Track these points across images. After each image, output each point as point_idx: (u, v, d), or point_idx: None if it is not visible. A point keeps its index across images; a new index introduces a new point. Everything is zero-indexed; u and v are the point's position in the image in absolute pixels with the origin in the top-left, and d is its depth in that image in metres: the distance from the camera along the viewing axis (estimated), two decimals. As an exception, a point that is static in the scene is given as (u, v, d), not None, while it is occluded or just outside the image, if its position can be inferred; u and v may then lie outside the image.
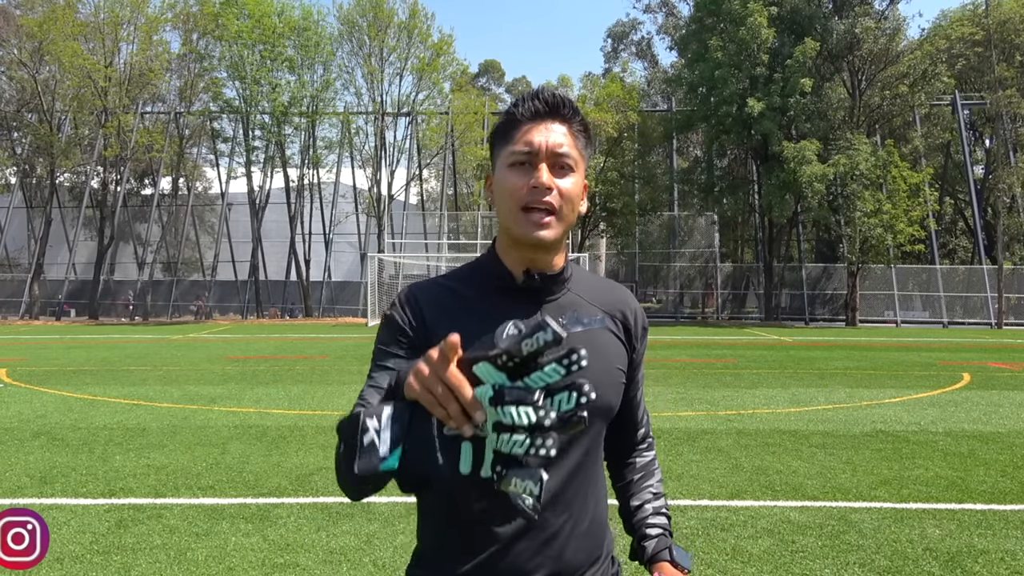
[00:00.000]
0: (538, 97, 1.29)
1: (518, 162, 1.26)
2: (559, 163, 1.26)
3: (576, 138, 1.30)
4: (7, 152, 41.40)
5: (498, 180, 1.30)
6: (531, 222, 1.24)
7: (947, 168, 42.34)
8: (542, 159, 1.25)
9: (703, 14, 35.54)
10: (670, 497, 5.21)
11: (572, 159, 1.28)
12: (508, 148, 1.28)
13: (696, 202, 39.90)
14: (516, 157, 1.26)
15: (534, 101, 1.29)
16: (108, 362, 15.12)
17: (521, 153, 1.26)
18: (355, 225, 42.20)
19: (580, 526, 1.30)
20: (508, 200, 1.26)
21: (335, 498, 5.22)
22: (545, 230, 1.24)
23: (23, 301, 38.34)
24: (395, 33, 38.88)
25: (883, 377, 12.79)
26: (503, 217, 1.29)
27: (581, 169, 1.30)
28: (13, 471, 5.97)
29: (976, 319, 36.07)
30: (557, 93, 1.30)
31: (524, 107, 1.28)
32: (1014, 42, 38.33)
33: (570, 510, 1.29)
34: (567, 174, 1.27)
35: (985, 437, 7.47)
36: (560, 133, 1.27)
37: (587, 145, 1.33)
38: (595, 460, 1.35)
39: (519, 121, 1.28)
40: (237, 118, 38.21)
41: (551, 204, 1.24)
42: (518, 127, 1.28)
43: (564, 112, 1.29)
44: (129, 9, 37.69)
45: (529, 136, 1.26)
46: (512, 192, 1.26)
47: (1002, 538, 4.42)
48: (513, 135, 1.28)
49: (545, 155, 1.25)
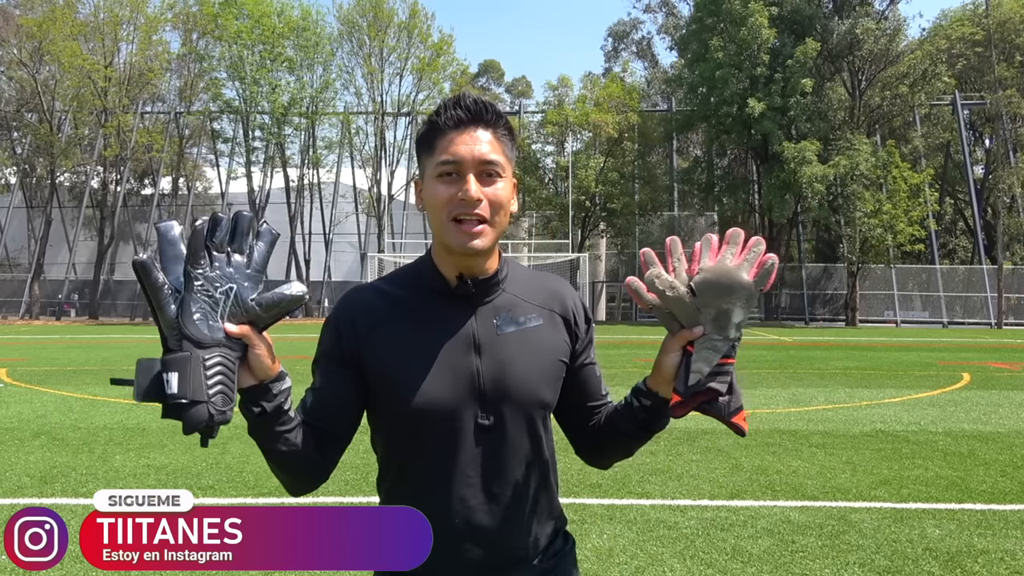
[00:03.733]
0: (459, 105, 1.29)
1: (445, 173, 1.28)
2: (486, 171, 1.27)
3: (502, 143, 1.31)
4: (7, 152, 41.42)
5: (427, 191, 1.31)
6: (463, 232, 1.26)
7: (947, 168, 42.34)
8: (468, 169, 1.26)
9: (703, 14, 35.56)
10: (670, 497, 5.21)
11: (499, 165, 1.29)
12: (434, 159, 1.29)
13: (696, 202, 39.95)
14: (442, 168, 1.28)
15: (455, 109, 1.29)
16: (108, 362, 15.12)
17: (447, 164, 1.27)
18: (355, 225, 42.21)
19: (528, 520, 1.34)
20: (439, 212, 1.28)
21: (335, 498, 5.22)
22: (477, 239, 1.27)
23: (23, 301, 38.34)
24: (395, 33, 38.89)
25: (883, 377, 12.79)
26: (435, 227, 1.31)
27: (509, 172, 1.32)
28: (13, 471, 5.97)
29: (976, 319, 36.07)
30: (479, 99, 1.31)
31: (446, 115, 1.29)
32: (1014, 42, 38.34)
33: (519, 504, 1.33)
34: (495, 181, 1.28)
35: (985, 437, 7.47)
36: (485, 141, 1.28)
37: (513, 147, 1.34)
38: (538, 452, 1.36)
39: (442, 129, 1.29)
40: (237, 118, 38.21)
41: (481, 216, 1.26)
42: (442, 136, 1.29)
43: (487, 118, 1.29)
44: (129, 9, 37.71)
45: (454, 147, 1.27)
46: (442, 204, 1.27)
47: (1002, 538, 4.42)
48: (437, 144, 1.29)
49: (471, 165, 1.26)
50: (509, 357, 1.31)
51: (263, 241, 1.16)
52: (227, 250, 1.12)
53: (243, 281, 1.13)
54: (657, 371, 1.29)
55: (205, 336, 1.09)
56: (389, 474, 1.37)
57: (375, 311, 1.33)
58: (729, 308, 1.21)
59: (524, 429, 1.33)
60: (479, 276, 1.33)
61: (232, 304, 1.11)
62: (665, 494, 5.27)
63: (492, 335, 1.32)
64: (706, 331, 1.23)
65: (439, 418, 1.28)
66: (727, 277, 1.20)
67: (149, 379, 1.08)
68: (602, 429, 1.42)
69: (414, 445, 1.31)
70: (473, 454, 1.29)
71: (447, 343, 1.30)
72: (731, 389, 1.24)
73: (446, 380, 1.28)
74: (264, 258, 1.15)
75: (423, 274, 1.36)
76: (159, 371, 1.08)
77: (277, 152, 39.47)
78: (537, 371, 1.33)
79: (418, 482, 1.31)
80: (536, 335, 1.35)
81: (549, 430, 1.40)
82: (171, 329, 1.09)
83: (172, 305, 1.09)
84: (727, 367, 1.23)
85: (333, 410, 1.31)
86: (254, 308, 1.13)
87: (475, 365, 1.30)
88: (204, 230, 1.10)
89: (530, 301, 1.38)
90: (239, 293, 1.12)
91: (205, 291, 1.10)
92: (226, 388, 1.10)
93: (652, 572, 3.88)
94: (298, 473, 1.31)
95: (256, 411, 1.19)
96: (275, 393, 1.20)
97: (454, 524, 1.29)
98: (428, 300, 1.34)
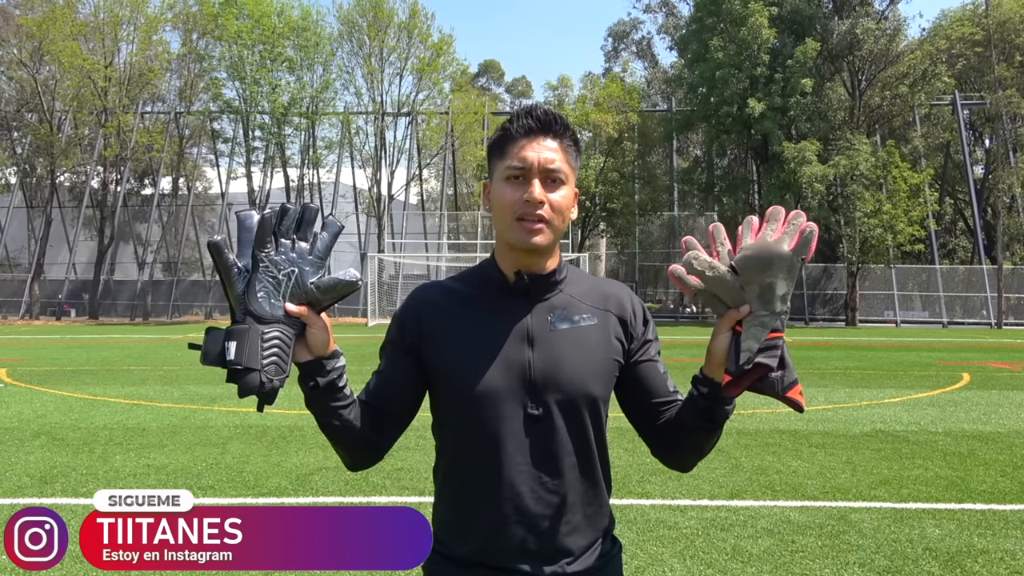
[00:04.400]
0: (531, 115, 1.40)
1: (513, 176, 1.38)
2: (550, 177, 1.38)
3: (567, 153, 1.41)
4: (7, 152, 41.41)
5: (495, 192, 1.42)
6: (524, 230, 1.36)
7: (947, 168, 42.33)
8: (535, 174, 1.37)
9: (703, 14, 35.54)
10: (670, 497, 5.22)
11: (563, 173, 1.39)
12: (504, 163, 1.40)
13: (696, 202, 39.94)
14: (511, 172, 1.38)
15: (527, 119, 1.40)
16: (108, 362, 15.13)
17: (515, 168, 1.38)
18: (355, 225, 42.19)
19: (575, 513, 1.39)
20: (504, 211, 1.38)
21: (335, 498, 5.22)
22: (537, 236, 1.36)
23: (23, 301, 38.34)
24: (395, 33, 38.88)
25: (883, 377, 12.79)
26: (499, 226, 1.42)
27: (571, 181, 1.42)
28: (13, 471, 5.97)
29: (976, 319, 36.07)
30: (549, 111, 1.41)
31: (518, 124, 1.40)
32: (1014, 42, 38.32)
33: (567, 495, 1.38)
34: (558, 187, 1.39)
35: (985, 437, 7.47)
36: (552, 149, 1.39)
37: (577, 157, 1.44)
38: (587, 446, 1.41)
39: (514, 136, 1.40)
40: (237, 118, 38.19)
41: (542, 216, 1.36)
42: (513, 142, 1.40)
43: (556, 129, 1.40)
44: (129, 9, 37.70)
45: (523, 152, 1.38)
46: (508, 205, 1.38)
47: (1002, 538, 4.42)
48: (508, 150, 1.40)
49: (537, 171, 1.37)
50: (561, 352, 1.38)
51: (328, 232, 1.27)
52: (292, 237, 1.24)
53: (305, 266, 1.24)
54: (710, 356, 1.32)
55: (266, 312, 1.21)
56: (445, 457, 1.45)
57: (438, 306, 1.43)
58: (772, 281, 1.22)
59: (573, 422, 1.38)
60: (536, 273, 1.41)
61: (293, 285, 1.23)
62: (665, 494, 5.27)
63: (545, 330, 1.40)
64: (752, 308, 1.23)
65: (491, 405, 1.36)
66: (767, 251, 1.22)
67: (214, 346, 1.20)
68: (670, 425, 1.45)
69: (468, 431, 1.38)
70: (522, 442, 1.36)
71: (503, 336, 1.39)
72: (783, 363, 1.23)
73: (499, 370, 1.36)
74: (327, 247, 1.26)
75: (485, 272, 1.47)
76: (223, 339, 1.20)
77: (277, 152, 39.46)
78: (588, 366, 1.40)
79: (471, 467, 1.39)
80: (589, 333, 1.42)
81: (601, 428, 1.44)
82: (238, 304, 1.22)
83: (240, 283, 1.22)
84: (776, 340, 1.23)
85: (393, 393, 1.42)
86: (313, 290, 1.24)
87: (527, 357, 1.37)
88: (273, 218, 1.22)
89: (587, 302, 1.45)
90: (300, 276, 1.23)
91: (270, 272, 1.22)
92: (280, 360, 1.21)
93: (652, 572, 3.88)
94: (352, 449, 1.40)
95: (311, 384, 1.30)
96: (328, 369, 1.30)
97: (504, 509, 1.35)
98: (488, 296, 1.43)
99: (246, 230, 1.23)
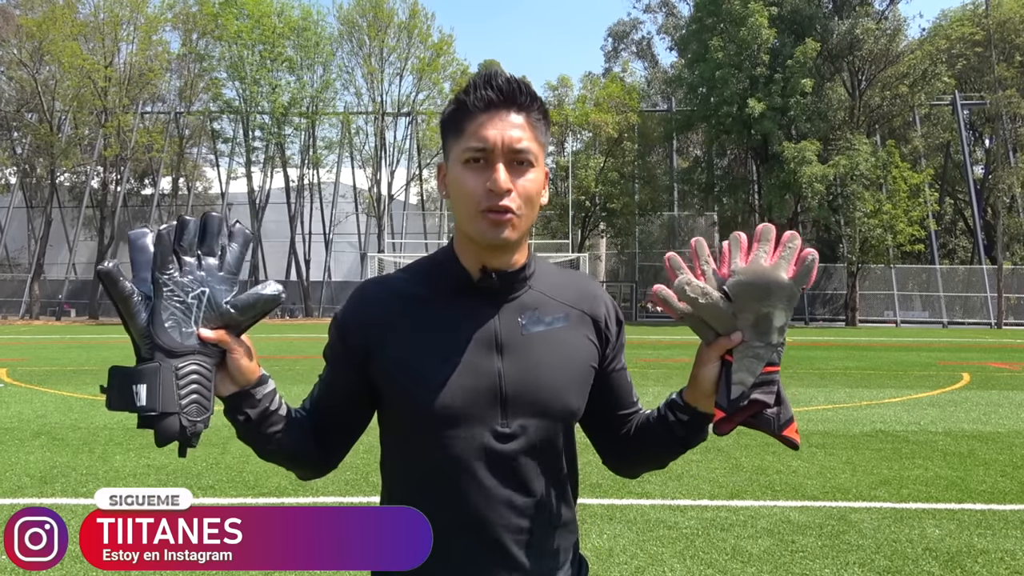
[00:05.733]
0: (491, 84, 1.16)
1: (472, 159, 1.16)
2: (517, 159, 1.16)
3: (535, 128, 1.18)
4: (7, 152, 41.43)
5: (452, 178, 1.19)
6: (490, 223, 1.15)
7: (947, 168, 42.36)
8: (498, 157, 1.14)
9: (703, 14, 35.58)
10: (670, 497, 5.21)
11: (531, 154, 1.17)
12: (461, 143, 1.17)
13: (696, 202, 39.95)
14: (470, 154, 1.16)
15: (487, 89, 1.16)
16: (108, 362, 15.00)
17: (475, 150, 1.15)
18: (355, 225, 42.23)
19: (547, 538, 1.24)
20: (465, 202, 1.16)
21: (335, 498, 5.22)
22: (505, 230, 1.15)
23: (23, 301, 38.35)
24: (395, 33, 38.92)
25: (883, 377, 12.79)
26: (460, 218, 1.20)
27: (541, 161, 1.20)
28: (13, 471, 5.97)
29: (976, 319, 36.08)
30: (512, 78, 1.18)
31: (476, 95, 1.16)
32: (1014, 42, 38.35)
33: (538, 519, 1.23)
34: (526, 170, 1.17)
35: (985, 437, 7.47)
36: (517, 126, 1.16)
37: (547, 131, 1.22)
38: (559, 464, 1.27)
39: (471, 111, 1.17)
40: (237, 118, 38.23)
41: (509, 207, 1.14)
42: (471, 118, 1.16)
43: (521, 100, 1.17)
44: (129, 9, 37.73)
45: (483, 131, 1.15)
46: (469, 194, 1.16)
47: (1002, 538, 4.42)
48: (465, 127, 1.17)
49: (501, 152, 1.15)
50: (535, 360, 1.20)
51: (236, 242, 1.11)
52: (197, 253, 1.08)
53: (216, 284, 1.08)
54: (694, 384, 1.18)
55: (177, 344, 1.05)
56: (399, 487, 1.26)
57: (388, 307, 1.22)
58: (769, 311, 1.11)
59: (547, 439, 1.22)
60: (504, 270, 1.21)
61: (206, 308, 1.07)
62: (665, 494, 5.27)
63: (516, 335, 1.21)
64: (745, 337, 1.12)
65: (454, 423, 1.17)
66: (764, 278, 1.10)
67: (121, 390, 1.04)
68: (632, 439, 1.32)
69: (426, 456, 1.20)
70: (489, 464, 1.18)
71: (466, 342, 1.19)
72: (779, 399, 1.14)
73: (464, 383, 1.17)
74: (238, 259, 1.11)
75: (443, 267, 1.25)
76: (131, 382, 1.03)
77: (277, 152, 39.49)
78: (565, 374, 1.22)
79: (432, 497, 1.19)
80: (565, 336, 1.24)
81: (573, 441, 1.30)
82: (143, 338, 1.05)
83: (143, 313, 1.05)
84: (773, 375, 1.13)
85: (338, 404, 1.26)
86: (229, 311, 1.08)
87: (497, 367, 1.18)
88: (170, 234, 1.06)
89: (559, 300, 1.26)
90: (212, 296, 1.08)
91: (176, 297, 1.05)
92: (201, 397, 1.06)
93: (652, 572, 3.88)
94: (299, 465, 1.29)
95: (241, 419, 1.16)
96: (259, 399, 1.16)
97: (472, 542, 1.19)
98: (447, 295, 1.22)
99: (139, 251, 1.07)
